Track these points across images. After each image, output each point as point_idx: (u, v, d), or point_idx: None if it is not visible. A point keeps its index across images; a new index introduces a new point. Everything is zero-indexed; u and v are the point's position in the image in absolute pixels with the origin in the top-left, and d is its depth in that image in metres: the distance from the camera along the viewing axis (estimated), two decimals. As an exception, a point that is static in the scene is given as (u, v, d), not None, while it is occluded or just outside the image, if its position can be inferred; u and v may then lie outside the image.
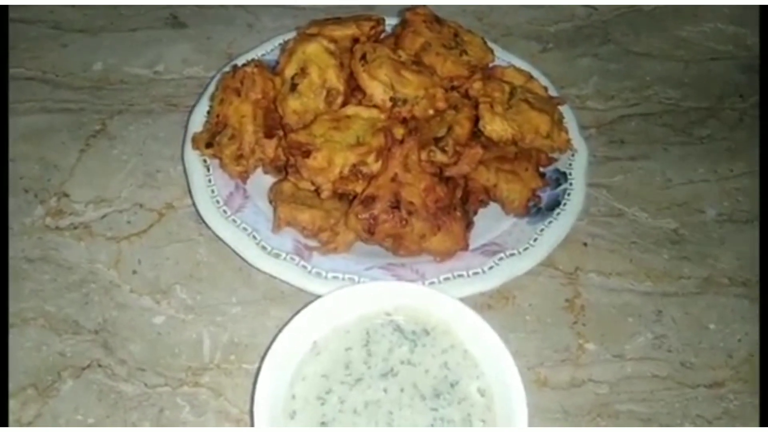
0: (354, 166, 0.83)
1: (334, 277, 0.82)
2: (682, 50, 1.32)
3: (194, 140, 0.92)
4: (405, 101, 0.89)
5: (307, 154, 0.83)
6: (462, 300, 0.77)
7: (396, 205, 0.80)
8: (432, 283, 0.82)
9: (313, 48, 0.91)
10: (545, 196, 0.93)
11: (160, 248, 0.92)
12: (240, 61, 0.98)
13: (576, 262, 0.94)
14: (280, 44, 1.09)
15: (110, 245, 0.92)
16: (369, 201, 0.80)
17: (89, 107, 1.10)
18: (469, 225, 0.86)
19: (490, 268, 0.84)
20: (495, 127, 0.87)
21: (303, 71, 0.90)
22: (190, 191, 0.91)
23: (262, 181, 0.93)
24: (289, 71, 0.92)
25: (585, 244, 0.96)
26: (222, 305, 0.86)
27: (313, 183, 0.83)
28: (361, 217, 0.80)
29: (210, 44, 1.23)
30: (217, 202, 0.89)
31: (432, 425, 0.70)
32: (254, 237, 0.85)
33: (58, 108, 1.10)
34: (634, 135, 1.14)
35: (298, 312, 0.74)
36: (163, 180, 1.00)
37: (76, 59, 1.19)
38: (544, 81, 1.03)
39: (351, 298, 0.76)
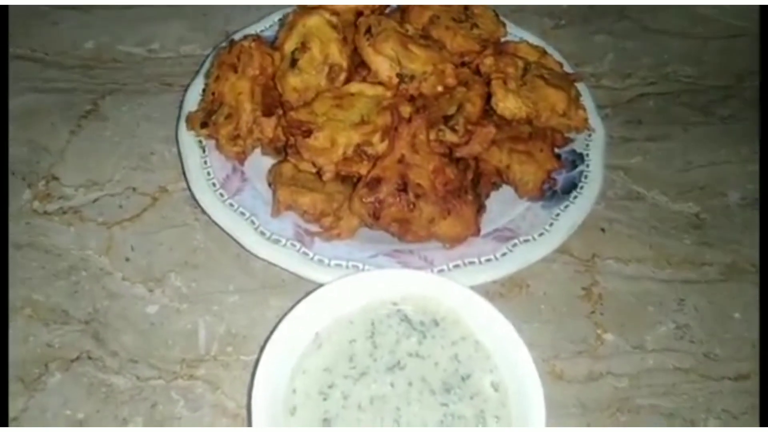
0: (358, 146, 0.77)
1: (337, 265, 0.77)
2: (700, 27, 1.27)
3: (189, 119, 0.87)
4: (412, 77, 0.83)
5: (308, 133, 0.77)
6: (473, 289, 0.72)
7: (403, 188, 0.75)
8: (441, 270, 0.77)
9: (314, 21, 0.86)
10: (561, 178, 0.87)
11: (153, 234, 0.87)
12: (237, 37, 0.93)
13: (593, 249, 0.89)
14: (279, 20, 1.03)
15: (101, 231, 0.87)
16: (374, 183, 0.75)
17: (80, 87, 1.05)
18: (480, 209, 0.80)
19: (503, 254, 0.79)
20: (508, 104, 0.81)
21: (304, 46, 0.85)
22: (184, 174, 0.86)
23: (260, 162, 0.88)
24: (289, 46, 0.86)
25: (602, 230, 0.91)
26: (219, 294, 0.82)
27: (314, 164, 0.78)
28: (366, 201, 0.75)
29: (206, 21, 1.18)
30: (213, 185, 0.84)
31: (442, 422, 0.65)
32: (252, 222, 0.80)
33: (48, 88, 1.05)
34: (652, 115, 1.09)
35: (299, 301, 0.69)
36: (158, 163, 0.95)
37: (67, 37, 1.14)
38: (558, 57, 0.97)
39: (355, 287, 0.72)
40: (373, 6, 0.91)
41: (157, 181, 0.93)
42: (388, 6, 0.97)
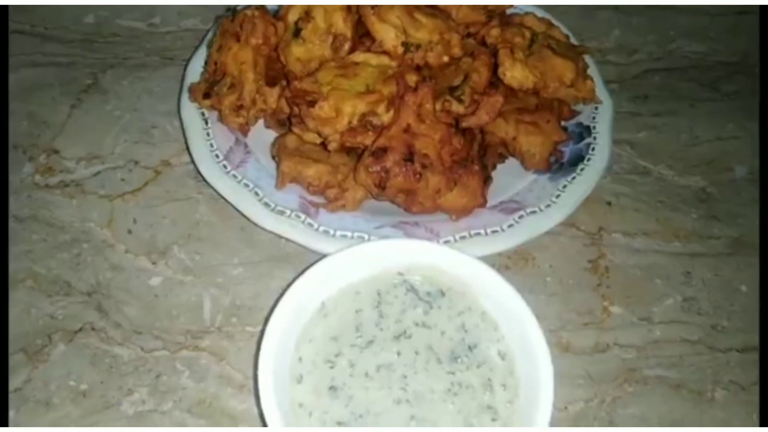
0: (363, 115, 0.76)
1: (343, 236, 0.77)
2: (707, 2, 1.25)
3: (191, 90, 0.86)
4: (418, 47, 0.82)
5: (312, 103, 0.76)
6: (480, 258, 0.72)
7: (409, 158, 0.74)
8: (447, 242, 0.77)
9: (318, -10, 0.85)
10: (568, 150, 0.87)
11: (156, 207, 0.86)
12: (240, 6, 0.92)
13: (599, 222, 0.88)
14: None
15: (103, 204, 0.86)
16: (380, 153, 0.74)
17: (81, 61, 1.04)
18: (487, 180, 0.80)
19: (510, 226, 0.78)
20: (515, 74, 0.80)
21: (307, 15, 0.84)
22: (187, 146, 0.85)
23: (264, 135, 0.87)
24: (293, 15, 0.85)
25: (609, 203, 0.90)
26: (223, 266, 0.81)
27: (319, 134, 0.77)
28: (372, 170, 0.74)
29: (208, -5, 1.16)
30: (217, 156, 0.83)
31: (449, 390, 0.65)
32: (256, 193, 0.79)
33: (48, 62, 1.04)
34: (658, 90, 1.07)
35: (304, 271, 0.68)
36: (159, 136, 0.94)
37: (66, 11, 1.12)
38: (565, 30, 0.96)
39: (361, 257, 0.71)
40: (378, -23, 0.90)
41: (159, 155, 0.92)
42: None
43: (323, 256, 0.72)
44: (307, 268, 0.69)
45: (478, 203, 0.78)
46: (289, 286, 0.68)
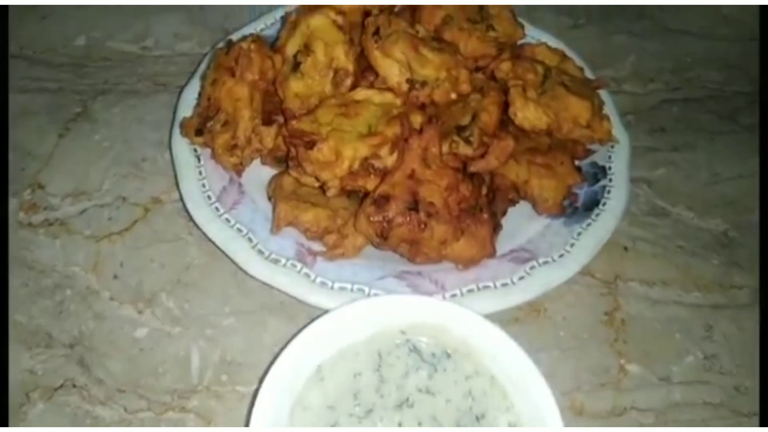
0: (365, 159, 0.71)
1: (341, 288, 0.72)
2: (724, 28, 1.20)
3: (183, 126, 0.81)
4: (424, 84, 0.77)
5: (311, 144, 0.71)
6: (487, 315, 0.67)
7: (413, 206, 0.69)
8: (453, 295, 0.72)
9: (318, 21, 0.79)
10: (582, 193, 0.82)
11: (144, 249, 0.81)
12: (236, 36, 0.87)
13: (615, 269, 0.83)
14: (281, 17, 0.97)
15: (89, 245, 0.81)
16: (382, 201, 0.69)
17: (69, 87, 0.99)
18: (496, 228, 0.74)
19: (521, 278, 0.73)
20: (528, 114, 0.75)
21: (307, 48, 0.79)
22: (177, 185, 0.80)
23: (260, 172, 0.82)
24: (291, 48, 0.80)
25: (625, 248, 0.85)
26: (213, 316, 0.76)
27: (317, 179, 0.72)
28: (374, 220, 0.69)
29: (204, 16, 1.11)
30: (209, 197, 0.78)
31: (455, 468, 0.60)
32: (250, 239, 0.74)
33: (35, 88, 0.99)
34: (676, 122, 1.02)
35: (301, 329, 0.64)
36: (150, 170, 0.89)
37: (56, 33, 1.08)
38: (578, 61, 0.91)
39: (361, 315, 0.66)
40: (382, 5, 0.85)
41: (150, 191, 0.87)
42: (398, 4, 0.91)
43: (321, 308, 0.68)
44: (303, 319, 0.65)
45: (487, 254, 0.73)
46: (284, 345, 0.63)
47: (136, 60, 1.04)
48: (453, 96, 0.78)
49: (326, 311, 0.68)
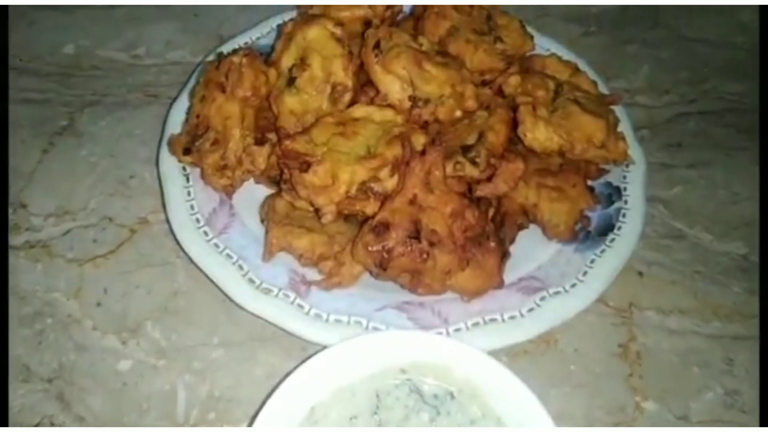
0: (363, 183, 0.67)
1: (337, 321, 0.67)
2: (743, 36, 1.15)
3: (171, 143, 0.76)
4: (427, 101, 0.72)
5: (305, 167, 0.67)
6: (494, 350, 0.62)
7: (415, 235, 0.64)
8: (458, 329, 0.67)
9: (315, 33, 0.75)
10: (595, 215, 0.77)
11: (129, 274, 0.77)
12: (227, 48, 0.82)
13: (630, 297, 0.78)
14: (277, 26, 0.92)
15: (71, 269, 0.77)
16: (381, 229, 0.64)
17: (56, 98, 0.95)
18: (504, 256, 0.70)
19: (530, 310, 0.68)
20: (538, 135, 0.70)
21: (303, 62, 0.74)
22: (164, 206, 0.76)
23: (253, 192, 0.77)
24: (286, 61, 0.75)
25: (640, 274, 0.80)
26: (201, 347, 0.71)
27: (311, 204, 0.67)
28: (372, 250, 0.64)
29: (198, 23, 1.07)
30: (197, 220, 0.73)
31: None
32: (240, 267, 0.70)
33: (20, 99, 0.95)
34: (692, 137, 0.97)
35: (296, 366, 0.59)
36: (138, 188, 0.85)
37: (44, 40, 1.04)
38: (591, 74, 0.86)
39: (358, 352, 0.61)
40: (384, 15, 0.80)
41: (137, 211, 0.82)
42: (401, 11, 0.86)
43: (314, 341, 0.63)
44: (297, 351, 0.60)
45: (495, 284, 0.68)
46: (275, 387, 0.58)
47: (126, 69, 1.00)
48: (458, 114, 0.73)
49: (321, 344, 0.64)
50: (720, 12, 1.18)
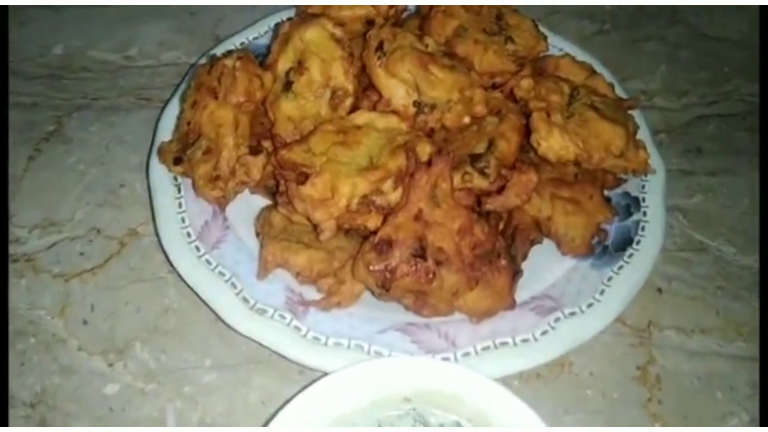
0: (365, 197, 0.62)
1: (336, 344, 0.62)
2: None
3: (160, 152, 0.72)
4: (433, 107, 0.68)
5: (302, 179, 0.62)
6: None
7: (420, 253, 0.60)
8: (466, 354, 0.62)
9: (314, 33, 0.70)
10: (612, 228, 0.72)
11: (118, 289, 0.73)
12: (221, 49, 0.78)
13: (649, 315, 0.74)
14: (275, 25, 0.88)
15: (57, 285, 0.73)
16: (384, 247, 0.60)
17: (44, 102, 0.91)
18: (516, 275, 0.65)
19: (544, 333, 0.64)
20: (552, 143, 0.65)
21: (300, 65, 0.70)
22: (154, 218, 0.72)
23: (249, 202, 0.73)
24: (283, 64, 0.71)
25: (659, 290, 0.76)
26: (192, 370, 0.67)
27: (309, 219, 0.63)
28: (374, 269, 0.60)
29: (193, 22, 1.03)
30: (188, 234, 0.69)
31: None
32: (233, 285, 0.66)
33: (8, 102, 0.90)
34: (712, 142, 0.92)
35: (293, 395, 0.54)
36: (127, 197, 0.81)
37: (34, 41, 0.99)
38: (607, 75, 0.81)
39: (358, 381, 0.57)
40: (387, 14, 0.75)
41: (126, 222, 0.78)
42: (405, 10, 0.81)
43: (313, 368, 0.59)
44: (295, 375, 0.55)
45: (506, 305, 0.63)
46: (271, 417, 0.54)
47: (118, 71, 0.95)
48: (466, 120, 0.69)
49: (320, 369, 0.60)
50: (742, 9, 1.13)
